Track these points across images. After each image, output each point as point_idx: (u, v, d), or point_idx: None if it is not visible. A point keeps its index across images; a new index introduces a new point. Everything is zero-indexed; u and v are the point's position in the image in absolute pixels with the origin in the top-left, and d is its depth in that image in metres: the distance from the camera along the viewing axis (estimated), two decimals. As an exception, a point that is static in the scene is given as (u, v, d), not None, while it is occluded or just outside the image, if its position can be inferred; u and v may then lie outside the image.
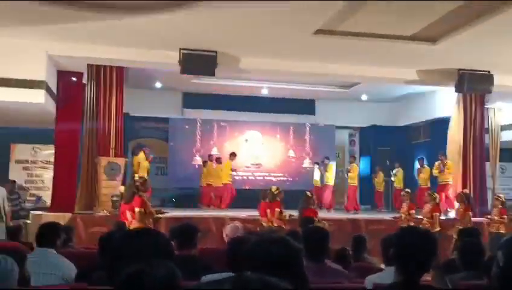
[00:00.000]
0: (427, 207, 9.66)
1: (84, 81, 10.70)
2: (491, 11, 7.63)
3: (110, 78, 10.60)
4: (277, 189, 9.65)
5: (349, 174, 13.94)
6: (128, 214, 7.57)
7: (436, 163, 12.19)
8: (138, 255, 1.78)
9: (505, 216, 9.45)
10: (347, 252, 5.28)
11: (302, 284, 1.74)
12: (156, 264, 1.49)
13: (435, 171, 12.20)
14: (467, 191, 10.70)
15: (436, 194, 9.97)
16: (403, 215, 9.99)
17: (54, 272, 3.71)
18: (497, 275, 1.82)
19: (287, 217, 9.33)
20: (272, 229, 8.73)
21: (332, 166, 14.36)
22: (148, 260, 1.51)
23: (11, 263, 1.79)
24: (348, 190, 13.98)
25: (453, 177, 12.09)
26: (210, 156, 14.55)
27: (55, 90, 10.38)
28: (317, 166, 14.81)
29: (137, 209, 7.47)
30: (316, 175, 14.69)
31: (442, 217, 10.14)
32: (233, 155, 13.84)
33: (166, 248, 1.92)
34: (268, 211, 9.38)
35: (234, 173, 14.21)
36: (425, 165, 13.15)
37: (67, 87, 10.63)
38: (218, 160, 14.05)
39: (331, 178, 14.14)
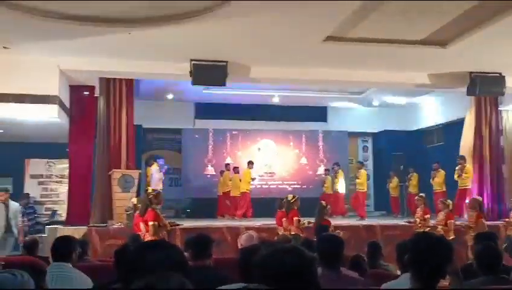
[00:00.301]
0: (441, 215, 9.54)
1: (96, 94, 10.80)
2: (500, 12, 7.58)
3: (120, 90, 10.67)
4: (293, 197, 9.63)
5: (357, 180, 13.78)
6: (142, 226, 7.61)
7: (457, 167, 12.02)
8: (152, 267, 1.79)
9: None
10: (362, 259, 5.24)
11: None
12: (166, 277, 1.49)
13: (455, 176, 12.03)
14: (479, 197, 10.54)
15: (449, 201, 9.80)
16: (418, 220, 9.89)
17: (70, 287, 3.73)
18: None
19: (306, 224, 9.29)
20: (287, 238, 8.69)
21: (342, 172, 14.25)
22: (158, 273, 1.51)
23: (27, 278, 1.80)
24: (356, 196, 13.79)
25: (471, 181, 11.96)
26: (227, 165, 14.54)
27: (68, 105, 10.50)
28: (328, 173, 14.72)
29: (151, 223, 7.51)
30: (327, 182, 14.58)
31: (458, 222, 9.99)
32: (250, 163, 13.81)
33: (180, 259, 1.92)
34: (284, 219, 9.38)
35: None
36: (440, 169, 12.99)
37: (80, 101, 10.75)
38: (236, 169, 14.05)
39: (342, 185, 14.03)
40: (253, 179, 13.70)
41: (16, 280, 1.82)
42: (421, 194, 11.07)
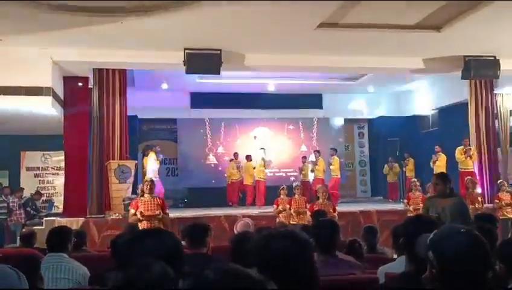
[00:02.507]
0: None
1: (90, 85, 10.76)
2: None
3: (113, 81, 10.64)
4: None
5: (331, 166, 13.53)
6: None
7: (460, 148, 11.89)
8: (146, 255, 1.79)
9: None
10: (358, 243, 5.27)
11: (311, 277, 1.73)
12: (147, 266, 1.49)
13: (460, 157, 11.85)
14: (472, 178, 10.64)
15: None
16: (412, 207, 9.89)
17: (67, 277, 3.74)
18: (434, 274, 1.76)
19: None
20: (285, 225, 8.76)
21: (322, 160, 13.88)
22: (140, 263, 1.51)
23: (23, 278, 1.80)
24: (330, 182, 13.46)
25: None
26: (236, 154, 14.50)
27: (62, 96, 10.45)
28: (305, 161, 14.42)
29: (132, 211, 7.53)
30: (305, 169, 14.33)
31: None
32: (248, 157, 13.95)
33: (174, 247, 1.93)
34: (288, 206, 9.52)
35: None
36: (441, 153, 12.86)
37: (74, 92, 10.68)
38: (248, 157, 14.02)
39: (336, 170, 13.83)
40: (266, 167, 13.66)
41: (16, 277, 1.82)
42: (414, 179, 11.21)
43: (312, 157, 14.22)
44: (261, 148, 14.03)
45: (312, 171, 13.82)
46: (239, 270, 0.92)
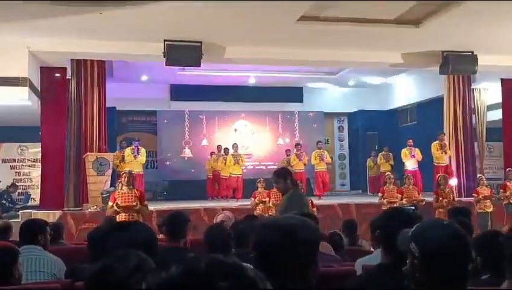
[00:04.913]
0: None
1: (68, 76, 10.60)
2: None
3: (91, 72, 10.51)
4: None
5: (325, 159, 13.60)
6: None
7: (436, 143, 11.92)
8: (121, 248, 1.77)
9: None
10: (338, 236, 5.30)
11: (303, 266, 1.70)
12: (124, 256, 1.47)
13: (436, 152, 11.91)
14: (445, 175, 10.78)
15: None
16: (386, 200, 10.00)
17: (43, 270, 3.68)
18: (416, 267, 1.79)
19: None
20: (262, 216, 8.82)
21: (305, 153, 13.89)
22: (118, 253, 1.49)
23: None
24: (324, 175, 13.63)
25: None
26: (219, 146, 14.29)
27: (39, 87, 10.27)
28: (289, 154, 14.36)
29: (110, 204, 7.48)
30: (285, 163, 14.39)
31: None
32: (226, 150, 13.75)
33: (149, 240, 1.91)
34: (267, 199, 9.55)
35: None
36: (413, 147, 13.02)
37: (51, 83, 10.50)
38: (226, 151, 13.77)
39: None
40: (236, 162, 13.45)
41: None
42: (388, 172, 11.44)
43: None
44: (234, 144, 13.77)
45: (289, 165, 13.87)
46: (228, 261, 0.90)
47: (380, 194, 10.35)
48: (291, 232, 1.66)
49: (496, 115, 13.23)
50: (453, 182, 11.10)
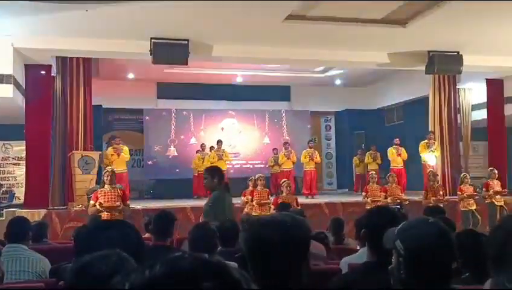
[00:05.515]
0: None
1: (53, 74, 10.49)
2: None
3: (77, 69, 10.43)
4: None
5: (316, 159, 13.62)
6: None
7: (424, 142, 11.97)
8: (105, 247, 1.75)
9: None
10: (324, 234, 5.32)
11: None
12: (104, 255, 1.46)
13: (424, 151, 11.94)
14: (433, 171, 10.91)
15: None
16: (370, 199, 10.04)
17: (28, 269, 3.64)
18: (401, 264, 1.80)
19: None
20: (249, 215, 8.81)
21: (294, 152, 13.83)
22: (98, 253, 1.47)
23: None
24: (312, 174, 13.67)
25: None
26: (203, 145, 14.28)
27: (23, 85, 10.15)
28: (277, 152, 14.46)
29: (92, 202, 7.42)
30: (272, 162, 14.50)
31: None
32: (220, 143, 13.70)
33: (134, 239, 1.89)
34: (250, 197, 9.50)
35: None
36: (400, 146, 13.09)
37: (36, 80, 10.37)
38: (212, 149, 13.71)
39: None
40: (219, 158, 13.42)
41: None
42: (372, 171, 11.52)
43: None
44: (218, 141, 13.67)
45: (277, 163, 13.90)
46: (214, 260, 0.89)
47: (363, 193, 10.41)
48: (284, 230, 1.66)
49: (481, 114, 13.35)
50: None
